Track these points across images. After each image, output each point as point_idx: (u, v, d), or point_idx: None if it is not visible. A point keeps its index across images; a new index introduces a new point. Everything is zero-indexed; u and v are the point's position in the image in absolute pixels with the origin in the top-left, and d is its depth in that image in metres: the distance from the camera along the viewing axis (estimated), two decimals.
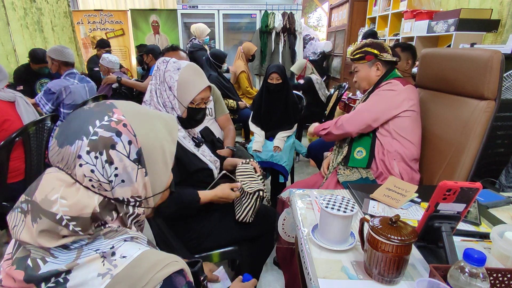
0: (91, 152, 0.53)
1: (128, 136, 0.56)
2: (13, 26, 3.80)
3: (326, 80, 5.64)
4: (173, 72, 1.21)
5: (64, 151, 0.54)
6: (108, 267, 0.52)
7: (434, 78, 1.52)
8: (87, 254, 0.52)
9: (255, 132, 2.39)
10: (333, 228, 0.86)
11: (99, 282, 0.50)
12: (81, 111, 0.57)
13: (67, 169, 0.54)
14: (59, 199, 0.51)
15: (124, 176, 0.56)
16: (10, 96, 1.77)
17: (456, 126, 1.34)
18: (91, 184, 0.54)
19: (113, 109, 0.57)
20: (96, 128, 0.54)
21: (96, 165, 0.54)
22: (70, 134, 0.54)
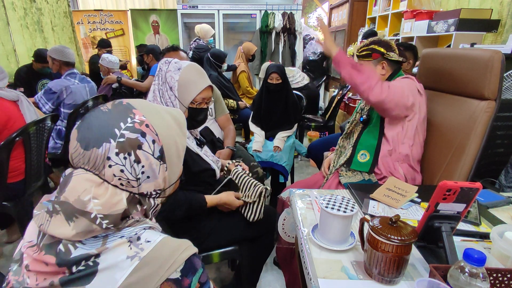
0: (120, 154, 0.57)
1: (151, 135, 0.60)
2: (13, 26, 3.80)
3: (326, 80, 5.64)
4: (174, 72, 1.21)
5: (90, 154, 0.57)
6: (135, 250, 0.56)
7: (434, 78, 1.52)
8: (114, 240, 0.56)
9: (255, 132, 2.39)
10: (333, 228, 0.86)
11: (128, 264, 0.54)
12: (99, 114, 0.60)
13: (95, 170, 0.57)
14: (91, 200, 0.55)
15: (149, 173, 0.60)
16: (13, 95, 1.77)
17: (457, 126, 1.34)
18: (119, 183, 0.58)
19: (132, 110, 0.61)
20: (122, 130, 0.58)
21: (125, 165, 0.57)
22: (95, 137, 0.57)
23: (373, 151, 1.44)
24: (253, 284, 1.53)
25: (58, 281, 0.54)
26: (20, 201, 1.78)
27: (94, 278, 0.54)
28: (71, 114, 2.37)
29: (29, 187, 1.84)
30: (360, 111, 1.58)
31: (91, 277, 0.54)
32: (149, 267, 0.55)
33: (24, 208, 1.80)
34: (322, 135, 3.79)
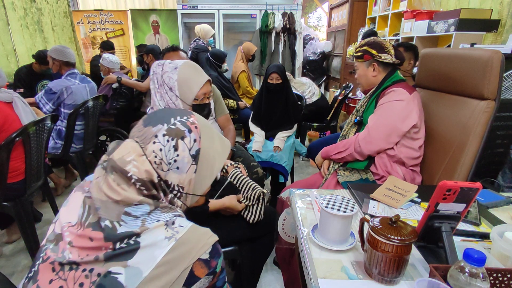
0: (166, 136, 0.66)
1: (195, 135, 0.69)
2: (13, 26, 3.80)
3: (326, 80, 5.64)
4: (171, 72, 1.20)
5: (145, 130, 0.67)
6: (171, 232, 0.63)
7: (434, 78, 1.52)
8: (151, 222, 0.64)
9: (255, 132, 2.39)
10: (333, 228, 0.86)
11: (166, 243, 0.62)
12: (168, 109, 0.74)
13: (142, 143, 0.67)
14: (132, 161, 0.64)
15: (180, 164, 0.67)
16: (7, 97, 1.76)
17: (456, 126, 1.34)
18: (154, 160, 0.66)
19: (191, 115, 0.72)
20: (176, 121, 0.69)
21: (165, 146, 0.66)
22: (155, 120, 0.68)
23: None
24: (253, 284, 1.53)
25: (103, 255, 0.60)
26: (20, 201, 1.78)
27: (136, 254, 0.60)
28: (71, 114, 2.37)
29: (29, 187, 1.84)
30: (356, 113, 1.59)
31: (133, 253, 0.60)
32: (183, 247, 0.62)
33: (24, 208, 1.80)
34: (322, 135, 3.79)
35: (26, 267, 1.87)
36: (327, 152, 1.58)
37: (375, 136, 1.39)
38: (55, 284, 0.61)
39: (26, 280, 0.66)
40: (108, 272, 0.59)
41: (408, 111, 1.36)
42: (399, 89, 1.40)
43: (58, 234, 0.66)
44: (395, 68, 1.50)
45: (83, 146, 2.59)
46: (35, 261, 0.67)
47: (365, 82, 1.54)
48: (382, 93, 1.45)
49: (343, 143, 1.50)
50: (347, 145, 1.47)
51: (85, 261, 0.60)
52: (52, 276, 0.62)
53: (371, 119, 1.43)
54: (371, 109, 1.49)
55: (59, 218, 0.69)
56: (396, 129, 1.37)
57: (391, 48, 1.47)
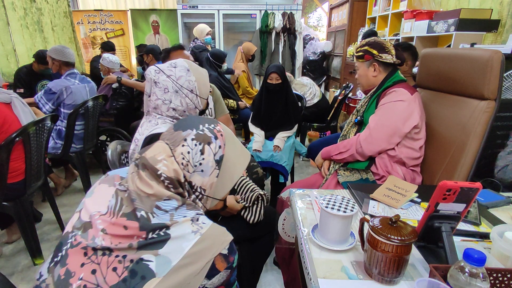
0: (194, 140, 0.73)
1: (221, 142, 0.76)
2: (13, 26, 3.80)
3: (326, 80, 5.64)
4: (187, 75, 1.18)
5: (176, 134, 0.75)
6: (197, 227, 0.69)
7: (434, 78, 1.52)
8: (179, 217, 0.70)
9: (255, 133, 2.39)
10: (333, 228, 0.86)
11: (193, 237, 0.67)
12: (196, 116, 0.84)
13: (172, 145, 0.73)
14: (163, 160, 0.71)
15: (204, 167, 0.74)
16: (5, 97, 1.76)
17: (456, 126, 1.34)
18: (181, 162, 0.72)
19: (218, 124, 0.80)
20: (204, 127, 0.76)
21: (193, 150, 0.73)
22: (185, 125, 0.76)
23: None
24: (253, 284, 1.53)
25: (136, 243, 0.65)
26: (20, 201, 1.78)
27: (166, 245, 0.65)
28: (71, 114, 2.37)
29: (29, 187, 1.84)
30: (356, 113, 1.59)
31: (164, 243, 0.65)
32: (207, 242, 0.68)
33: (24, 208, 1.80)
34: (322, 135, 3.79)
35: (26, 267, 1.87)
36: (327, 152, 1.58)
37: (376, 136, 1.38)
38: (87, 267, 0.65)
39: (51, 265, 0.69)
40: (140, 259, 0.64)
41: (409, 111, 1.36)
42: (400, 89, 1.40)
43: (86, 222, 0.70)
44: (395, 68, 1.49)
45: (83, 146, 2.59)
46: (60, 247, 0.70)
47: (366, 82, 1.54)
48: (383, 93, 1.45)
49: (343, 144, 1.49)
50: (348, 146, 1.46)
51: (118, 248, 0.65)
52: (84, 260, 0.66)
53: (373, 120, 1.43)
54: (372, 109, 1.48)
55: (86, 207, 0.73)
56: (398, 129, 1.37)
57: (392, 48, 1.46)
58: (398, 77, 1.48)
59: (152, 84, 1.19)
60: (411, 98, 1.38)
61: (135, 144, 1.23)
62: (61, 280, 0.65)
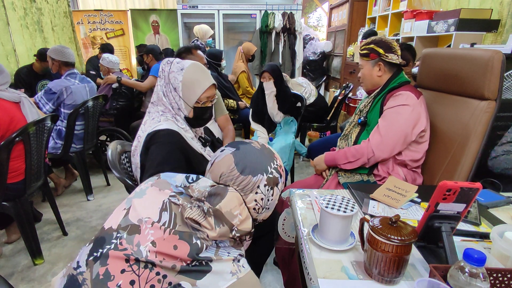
0: (267, 186, 0.75)
1: (283, 179, 0.80)
2: (13, 26, 3.80)
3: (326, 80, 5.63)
4: (177, 73, 1.21)
5: (245, 178, 0.74)
6: (236, 269, 0.70)
7: (434, 78, 1.52)
8: (224, 254, 0.70)
9: (258, 130, 2.42)
10: (333, 228, 0.86)
11: (230, 278, 0.68)
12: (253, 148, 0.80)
13: (243, 192, 0.74)
14: (238, 215, 0.72)
15: (271, 205, 0.78)
16: (15, 97, 1.77)
17: (457, 126, 1.34)
18: (253, 207, 0.75)
19: (274, 155, 0.82)
20: (272, 169, 0.77)
21: (265, 195, 0.75)
22: (252, 167, 0.75)
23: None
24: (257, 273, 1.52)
25: (179, 267, 0.65)
26: (20, 201, 1.78)
27: (205, 277, 0.66)
28: (71, 114, 2.37)
29: (29, 187, 1.84)
30: (359, 113, 1.56)
31: (203, 274, 0.66)
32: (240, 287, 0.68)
33: (24, 208, 1.80)
34: (322, 135, 3.79)
35: (26, 267, 1.87)
36: (333, 160, 1.50)
37: (388, 142, 1.35)
38: (127, 275, 0.64)
39: (90, 258, 0.67)
40: (178, 285, 0.65)
41: (417, 116, 1.35)
42: (407, 92, 1.37)
43: (134, 225, 0.69)
44: (400, 69, 1.47)
45: (83, 146, 2.59)
46: (103, 243, 0.68)
47: (370, 82, 1.51)
48: (389, 95, 1.42)
49: (352, 153, 1.42)
50: (359, 155, 1.41)
51: (161, 265, 0.64)
52: (125, 267, 0.65)
53: (382, 125, 1.39)
54: (376, 110, 1.46)
55: (134, 207, 0.72)
56: (407, 135, 1.35)
57: (398, 48, 1.43)
58: (403, 78, 1.46)
59: (160, 70, 1.26)
60: (417, 103, 1.36)
61: (137, 141, 1.24)
62: (99, 280, 0.65)
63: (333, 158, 1.50)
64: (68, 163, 2.84)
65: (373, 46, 1.44)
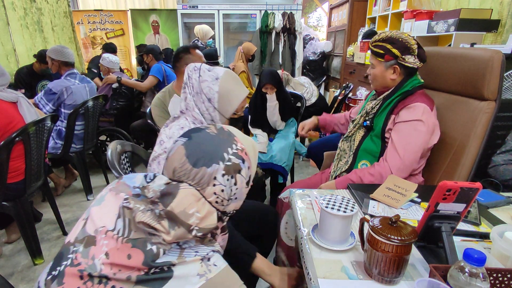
0: (225, 175, 0.65)
1: (248, 163, 0.70)
2: (13, 26, 3.80)
3: (326, 80, 5.64)
4: (212, 82, 1.13)
5: (199, 171, 0.64)
6: (205, 269, 0.63)
7: (434, 78, 1.51)
8: (190, 255, 0.63)
9: (257, 134, 2.40)
10: (333, 228, 0.86)
11: (197, 281, 0.61)
12: (207, 135, 0.69)
13: (198, 186, 0.65)
14: (195, 213, 0.63)
15: (238, 195, 0.69)
16: (12, 97, 1.76)
17: (457, 126, 1.34)
18: (215, 200, 0.66)
19: (234, 138, 0.70)
20: (229, 155, 0.67)
21: (226, 186, 0.66)
22: (206, 157, 0.65)
23: (375, 161, 1.37)
24: (253, 284, 1.52)
25: (136, 277, 0.59)
26: (20, 201, 1.78)
27: (166, 284, 0.59)
28: (71, 114, 2.37)
29: (29, 187, 1.84)
30: (365, 115, 1.46)
31: (164, 282, 0.59)
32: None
33: (24, 208, 1.80)
34: (322, 135, 3.79)
35: (26, 267, 1.87)
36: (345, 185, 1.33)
37: (409, 164, 1.28)
38: None
39: (49, 277, 0.63)
40: None
41: (432, 130, 1.29)
42: (422, 105, 1.28)
43: (90, 236, 0.63)
44: (415, 71, 1.35)
45: (83, 146, 2.59)
46: (60, 259, 0.64)
47: (381, 84, 1.40)
48: (401, 103, 1.33)
49: (369, 179, 1.30)
50: (376, 180, 1.29)
51: (116, 278, 0.59)
52: (80, 285, 0.60)
53: (399, 143, 1.28)
54: (384, 115, 1.38)
55: (91, 217, 0.66)
56: (424, 150, 1.31)
57: (416, 47, 1.29)
58: (417, 80, 1.36)
59: (186, 77, 1.16)
60: (432, 116, 1.29)
61: (162, 149, 1.14)
62: None
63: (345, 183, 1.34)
64: (68, 163, 2.84)
65: (389, 46, 1.32)
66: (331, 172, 1.56)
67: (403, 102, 1.32)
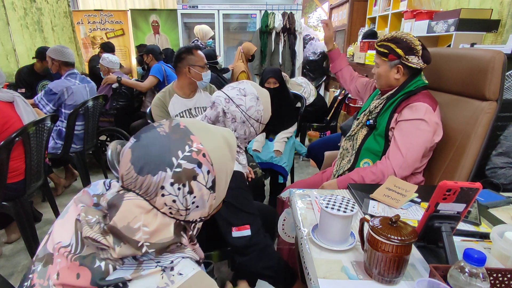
0: (175, 184, 0.55)
1: (207, 166, 0.58)
2: (13, 26, 3.80)
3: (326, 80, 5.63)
4: (257, 105, 1.12)
5: (144, 179, 0.55)
6: (166, 281, 0.54)
7: (435, 78, 1.51)
8: (149, 267, 0.55)
9: None
10: (333, 228, 0.86)
11: None
12: (157, 136, 0.58)
13: (146, 196, 0.56)
14: (142, 227, 0.54)
15: (199, 203, 0.59)
16: (8, 97, 1.76)
17: (457, 126, 1.34)
18: (169, 211, 0.57)
19: (190, 136, 0.58)
20: (180, 160, 0.56)
21: (178, 196, 0.56)
22: (151, 163, 0.55)
23: (377, 160, 1.38)
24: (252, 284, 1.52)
25: None
26: (20, 201, 1.78)
27: None
28: (71, 114, 2.37)
29: (29, 187, 1.84)
30: (368, 114, 1.47)
31: None
32: None
33: (24, 208, 1.80)
34: (322, 135, 3.79)
35: (26, 267, 1.87)
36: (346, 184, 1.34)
37: (411, 162, 1.29)
38: None
39: None
40: None
41: (434, 130, 1.30)
42: (425, 105, 1.29)
43: (49, 254, 0.57)
44: (419, 71, 1.37)
45: (83, 146, 2.59)
46: (23, 280, 0.59)
47: (385, 83, 1.42)
48: (404, 102, 1.34)
49: (370, 177, 1.31)
50: (378, 178, 1.31)
51: None
52: None
53: (402, 142, 1.30)
54: (386, 114, 1.39)
55: (53, 232, 0.60)
56: (426, 149, 1.32)
57: (420, 48, 1.31)
58: (421, 80, 1.37)
59: (221, 115, 1.12)
60: (435, 116, 1.30)
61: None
62: None
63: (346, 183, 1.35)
64: (68, 163, 2.84)
65: (393, 46, 1.33)
66: (334, 171, 1.57)
67: (406, 102, 1.34)
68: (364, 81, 1.82)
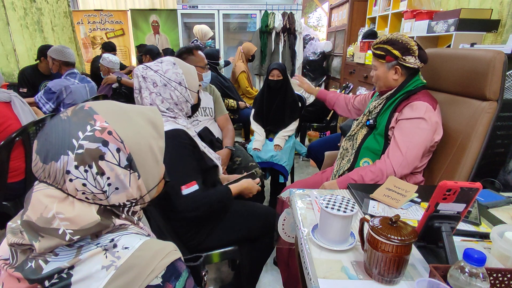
0: (80, 167, 0.53)
1: (115, 143, 0.55)
2: (13, 26, 3.80)
3: (326, 80, 5.64)
4: (174, 68, 1.22)
5: (49, 168, 0.53)
6: (111, 259, 0.53)
7: (435, 78, 1.51)
8: (88, 249, 0.53)
9: (256, 131, 2.40)
10: (333, 228, 0.86)
11: (104, 274, 0.51)
12: (58, 122, 0.55)
13: (57, 184, 0.54)
14: (56, 215, 0.51)
15: (117, 184, 0.56)
16: (5, 97, 1.76)
17: (458, 126, 1.34)
18: (85, 197, 0.54)
19: (93, 116, 0.55)
20: (80, 140, 0.53)
21: (87, 178, 0.53)
22: (53, 149, 0.53)
23: (377, 159, 1.38)
24: (252, 284, 1.53)
25: None
26: (20, 201, 1.78)
27: None
28: None
29: (30, 187, 1.83)
30: (368, 114, 1.49)
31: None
32: (126, 276, 0.52)
33: None
34: (322, 135, 3.79)
35: None
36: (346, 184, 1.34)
37: (411, 160, 1.30)
38: None
39: None
40: None
41: (433, 130, 1.30)
42: (424, 103, 1.30)
43: None
44: (417, 71, 1.39)
45: None
46: None
47: (384, 84, 1.44)
48: (404, 101, 1.35)
49: (370, 177, 1.31)
50: (377, 178, 1.31)
51: None
52: None
53: (401, 140, 1.30)
54: (387, 114, 1.40)
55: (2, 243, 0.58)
56: (426, 148, 1.32)
57: (416, 48, 1.33)
58: (419, 80, 1.38)
59: (141, 80, 1.22)
60: (435, 114, 1.30)
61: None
62: None
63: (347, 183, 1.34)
64: None
65: (389, 48, 1.35)
66: (334, 171, 1.57)
67: (407, 101, 1.35)
68: (360, 98, 1.85)
